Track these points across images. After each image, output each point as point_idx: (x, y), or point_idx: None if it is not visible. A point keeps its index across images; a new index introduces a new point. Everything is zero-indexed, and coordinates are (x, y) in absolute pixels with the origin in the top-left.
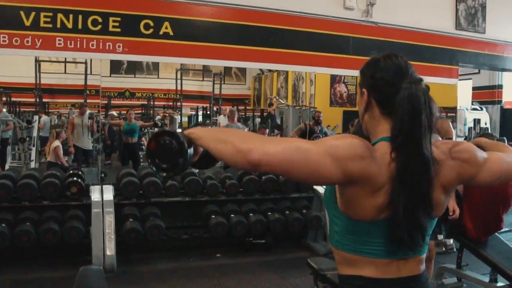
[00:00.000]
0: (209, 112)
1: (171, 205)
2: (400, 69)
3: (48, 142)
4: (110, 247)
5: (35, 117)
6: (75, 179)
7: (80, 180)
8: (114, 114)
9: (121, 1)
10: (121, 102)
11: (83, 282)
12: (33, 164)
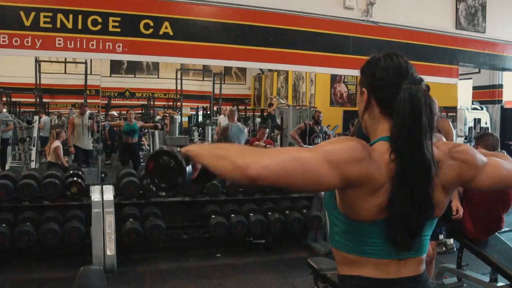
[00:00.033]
0: (209, 112)
1: (171, 205)
2: (400, 69)
3: (48, 142)
4: (110, 247)
5: (35, 117)
6: (75, 179)
7: (80, 180)
8: (114, 114)
9: (121, 1)
10: (121, 102)
11: (83, 282)
12: (33, 164)
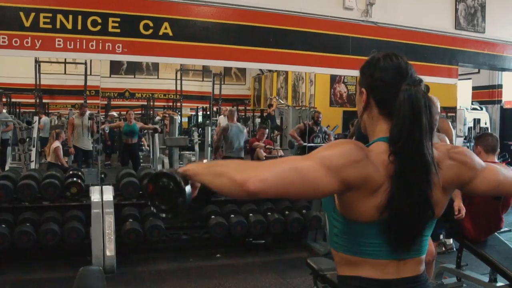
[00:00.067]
0: (209, 112)
1: None
2: (399, 70)
3: (48, 143)
4: (110, 247)
5: (35, 117)
6: (74, 179)
7: (79, 180)
8: (114, 114)
9: (121, 2)
10: (121, 102)
11: (83, 282)
12: (33, 165)
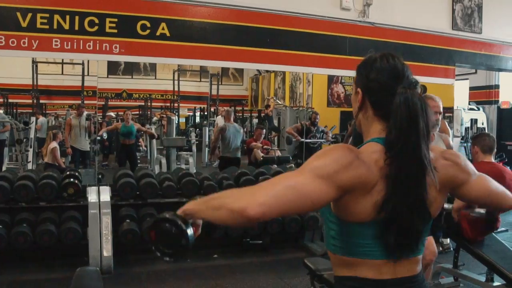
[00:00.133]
0: (207, 113)
1: (168, 206)
2: (396, 71)
3: (45, 143)
4: (107, 248)
5: (32, 118)
6: (71, 180)
7: (77, 181)
8: (112, 115)
9: (118, 2)
10: (118, 103)
11: (80, 283)
12: (30, 165)
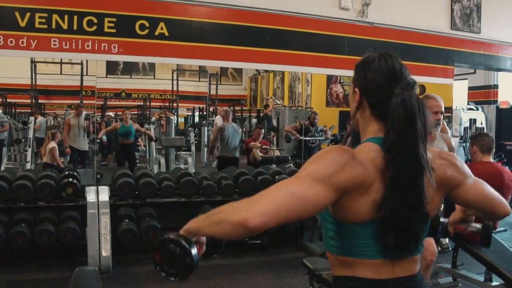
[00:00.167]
0: (205, 112)
1: (166, 206)
2: (393, 72)
3: (43, 143)
4: (105, 248)
5: (31, 118)
6: (70, 180)
7: (75, 181)
8: (111, 115)
9: (116, 2)
10: (117, 103)
11: (79, 283)
12: (29, 165)
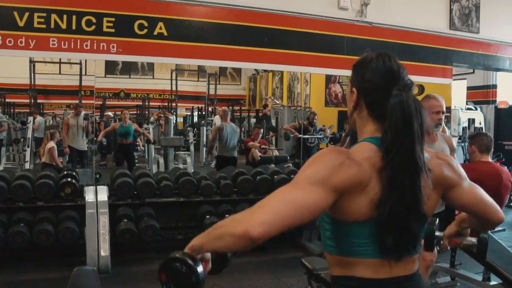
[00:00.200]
0: (204, 112)
1: (165, 206)
2: (391, 72)
3: (42, 143)
4: (104, 247)
5: (30, 118)
6: (69, 180)
7: (74, 181)
8: (110, 115)
9: (115, 2)
10: (116, 102)
11: (77, 282)
12: (27, 165)
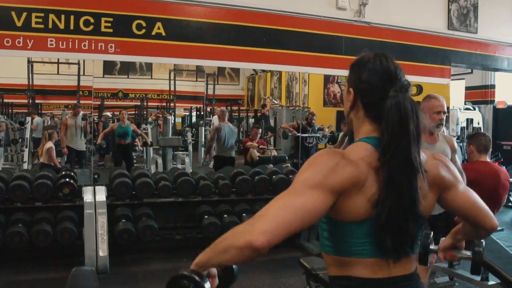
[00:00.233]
0: (203, 112)
1: (163, 206)
2: (388, 73)
3: (40, 143)
4: (102, 248)
5: (28, 118)
6: (67, 180)
7: (72, 181)
8: (108, 115)
9: (113, 2)
10: (114, 103)
11: (76, 283)
12: (25, 165)
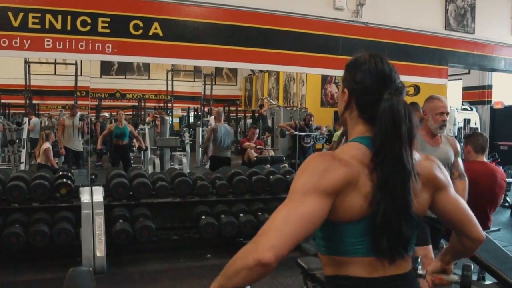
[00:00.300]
0: (200, 113)
1: (161, 206)
2: (383, 75)
3: (38, 144)
4: (100, 248)
5: (25, 119)
6: (64, 180)
7: (69, 181)
8: (106, 115)
9: (110, 2)
10: (112, 103)
11: (73, 283)
12: (23, 166)
